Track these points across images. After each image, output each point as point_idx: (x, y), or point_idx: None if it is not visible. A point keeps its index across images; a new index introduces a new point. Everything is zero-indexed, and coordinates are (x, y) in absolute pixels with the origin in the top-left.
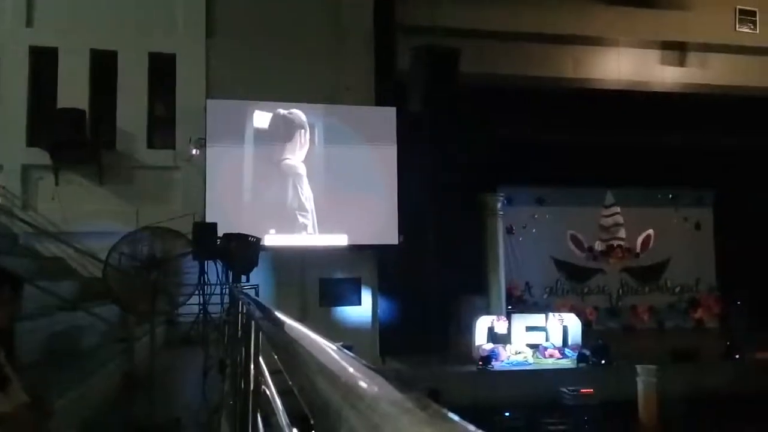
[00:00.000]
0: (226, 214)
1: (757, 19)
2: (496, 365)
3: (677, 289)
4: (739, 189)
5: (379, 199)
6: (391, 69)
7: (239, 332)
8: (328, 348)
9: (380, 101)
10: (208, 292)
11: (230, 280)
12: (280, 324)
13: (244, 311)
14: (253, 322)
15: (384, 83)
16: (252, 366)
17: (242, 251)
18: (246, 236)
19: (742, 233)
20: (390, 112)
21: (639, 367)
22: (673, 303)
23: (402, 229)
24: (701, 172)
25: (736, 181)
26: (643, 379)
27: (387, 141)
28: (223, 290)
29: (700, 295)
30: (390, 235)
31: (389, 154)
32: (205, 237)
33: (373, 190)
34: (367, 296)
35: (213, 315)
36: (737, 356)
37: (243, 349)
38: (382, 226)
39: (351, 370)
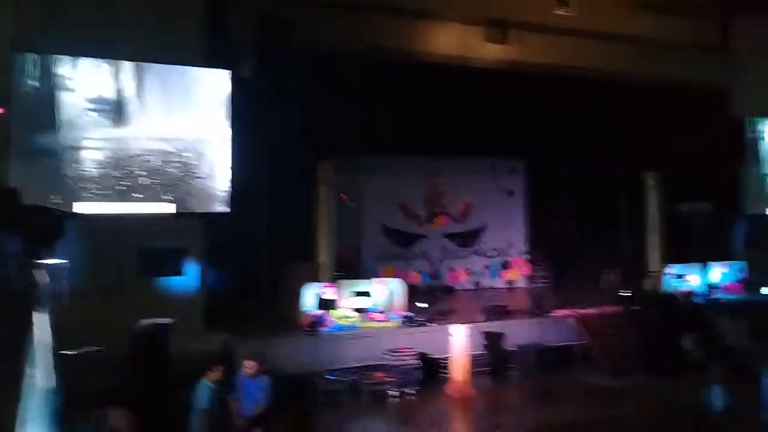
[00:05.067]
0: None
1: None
2: (323, 330)
3: (491, 252)
4: (549, 161)
5: (209, 165)
6: (226, 32)
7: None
8: None
9: (213, 64)
10: None
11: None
12: None
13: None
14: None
15: (217, 46)
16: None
17: (41, 221)
18: (45, 206)
19: (550, 201)
20: (223, 76)
21: (452, 327)
22: (488, 265)
23: (233, 196)
24: (516, 144)
25: (547, 154)
26: (456, 336)
27: (219, 106)
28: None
29: (512, 258)
30: (220, 203)
31: (220, 119)
32: None
33: (203, 156)
34: (192, 266)
35: None
36: (542, 312)
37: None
38: (211, 194)
39: None
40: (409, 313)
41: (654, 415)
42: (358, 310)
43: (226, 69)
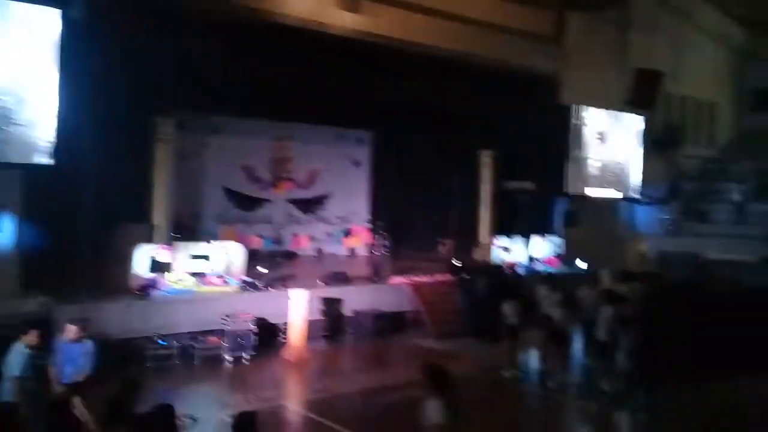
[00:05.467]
0: None
1: None
2: (155, 294)
3: (335, 220)
4: (394, 133)
5: (30, 112)
6: None
7: None
8: None
9: (42, 1)
10: None
11: None
12: None
13: None
14: None
15: None
16: None
17: None
18: None
19: (393, 173)
20: (53, 15)
21: (291, 292)
22: (330, 232)
23: (58, 148)
24: (363, 114)
25: (392, 126)
26: (295, 301)
27: (46, 48)
28: None
29: (354, 226)
30: (42, 155)
31: (47, 63)
32: None
33: (25, 101)
34: (7, 224)
35: None
36: (380, 279)
37: None
38: (32, 144)
39: None
40: (248, 278)
41: (475, 375)
42: (194, 273)
43: (57, 8)
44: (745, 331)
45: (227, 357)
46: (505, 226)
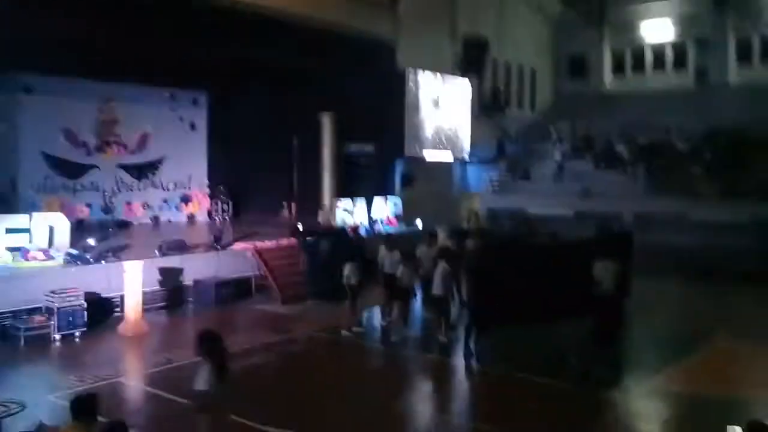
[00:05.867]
0: None
1: None
2: None
3: (171, 186)
4: (232, 94)
5: None
6: None
7: None
8: None
9: None
10: None
11: None
12: None
13: None
14: None
15: None
16: None
17: None
18: None
19: (232, 136)
20: None
21: (125, 263)
22: (167, 199)
23: None
24: (197, 74)
25: (229, 87)
26: (129, 273)
27: None
28: None
29: (192, 192)
30: None
31: None
32: None
33: None
34: None
35: None
36: (221, 246)
37: None
38: None
39: None
40: (75, 251)
41: (318, 335)
42: (12, 249)
43: None
44: (561, 279)
45: (55, 336)
46: (347, 189)
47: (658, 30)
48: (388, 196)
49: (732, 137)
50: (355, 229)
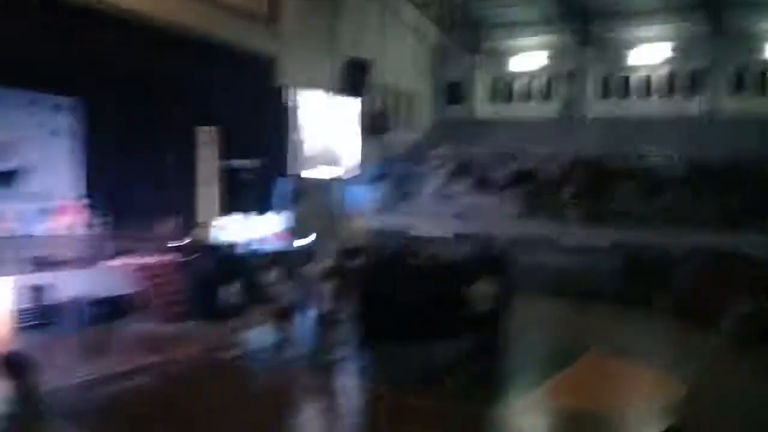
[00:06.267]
0: None
1: None
2: None
3: (37, 197)
4: (101, 102)
5: None
6: None
7: None
8: None
9: None
10: None
11: None
12: None
13: None
14: None
15: None
16: None
17: None
18: None
19: (104, 144)
20: None
21: None
22: (33, 211)
23: None
24: (62, 79)
25: (101, 94)
26: None
27: None
28: None
29: (62, 203)
30: None
31: None
32: None
33: None
34: None
35: None
36: (96, 262)
37: None
38: None
39: None
40: None
41: (199, 356)
42: None
43: None
44: (442, 297)
45: None
46: (229, 205)
47: (527, 61)
48: (271, 213)
49: (593, 166)
50: (234, 246)
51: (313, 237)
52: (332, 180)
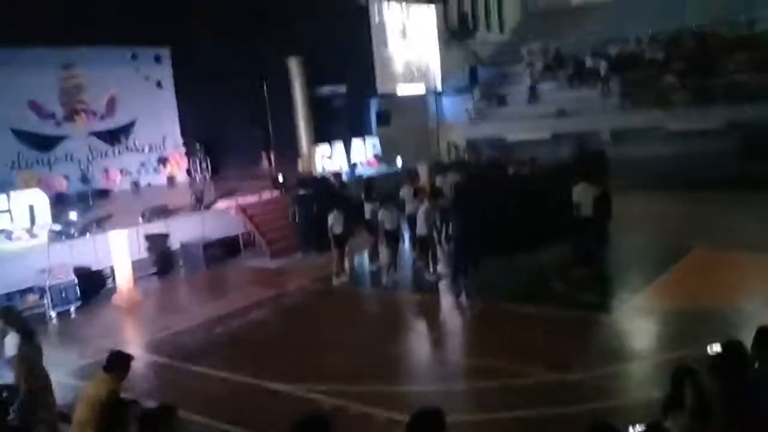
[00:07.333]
0: None
1: None
2: None
3: (146, 148)
4: (193, 46)
5: None
6: None
7: None
8: None
9: None
10: None
11: None
12: None
13: None
14: None
15: None
16: None
17: None
18: None
19: (200, 90)
20: None
21: (111, 233)
22: (144, 162)
23: None
24: (157, 29)
25: (190, 39)
26: (116, 243)
27: None
28: None
29: (168, 152)
30: None
31: None
32: None
33: None
34: None
35: None
36: (204, 206)
37: None
38: None
39: None
40: (58, 226)
41: (307, 286)
42: None
43: None
44: (542, 205)
45: (51, 314)
46: (323, 133)
47: None
48: (366, 137)
49: (699, 39)
50: (337, 175)
51: (408, 155)
52: (422, 94)
